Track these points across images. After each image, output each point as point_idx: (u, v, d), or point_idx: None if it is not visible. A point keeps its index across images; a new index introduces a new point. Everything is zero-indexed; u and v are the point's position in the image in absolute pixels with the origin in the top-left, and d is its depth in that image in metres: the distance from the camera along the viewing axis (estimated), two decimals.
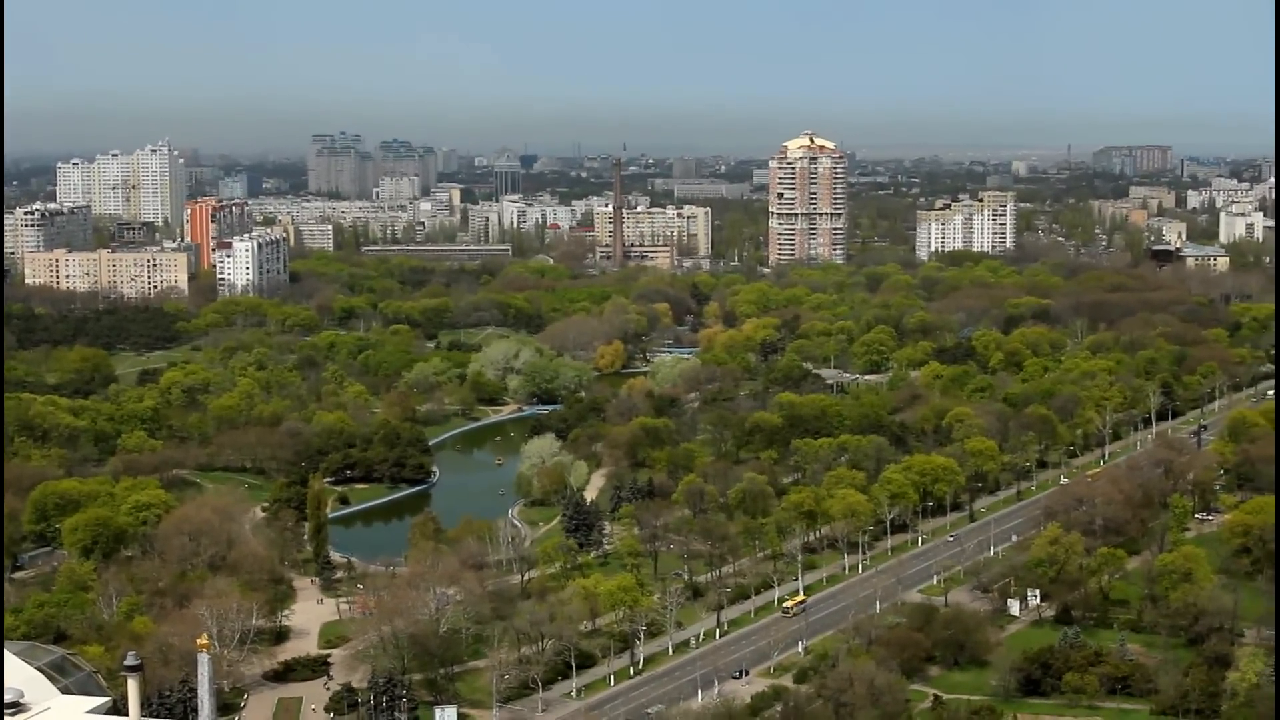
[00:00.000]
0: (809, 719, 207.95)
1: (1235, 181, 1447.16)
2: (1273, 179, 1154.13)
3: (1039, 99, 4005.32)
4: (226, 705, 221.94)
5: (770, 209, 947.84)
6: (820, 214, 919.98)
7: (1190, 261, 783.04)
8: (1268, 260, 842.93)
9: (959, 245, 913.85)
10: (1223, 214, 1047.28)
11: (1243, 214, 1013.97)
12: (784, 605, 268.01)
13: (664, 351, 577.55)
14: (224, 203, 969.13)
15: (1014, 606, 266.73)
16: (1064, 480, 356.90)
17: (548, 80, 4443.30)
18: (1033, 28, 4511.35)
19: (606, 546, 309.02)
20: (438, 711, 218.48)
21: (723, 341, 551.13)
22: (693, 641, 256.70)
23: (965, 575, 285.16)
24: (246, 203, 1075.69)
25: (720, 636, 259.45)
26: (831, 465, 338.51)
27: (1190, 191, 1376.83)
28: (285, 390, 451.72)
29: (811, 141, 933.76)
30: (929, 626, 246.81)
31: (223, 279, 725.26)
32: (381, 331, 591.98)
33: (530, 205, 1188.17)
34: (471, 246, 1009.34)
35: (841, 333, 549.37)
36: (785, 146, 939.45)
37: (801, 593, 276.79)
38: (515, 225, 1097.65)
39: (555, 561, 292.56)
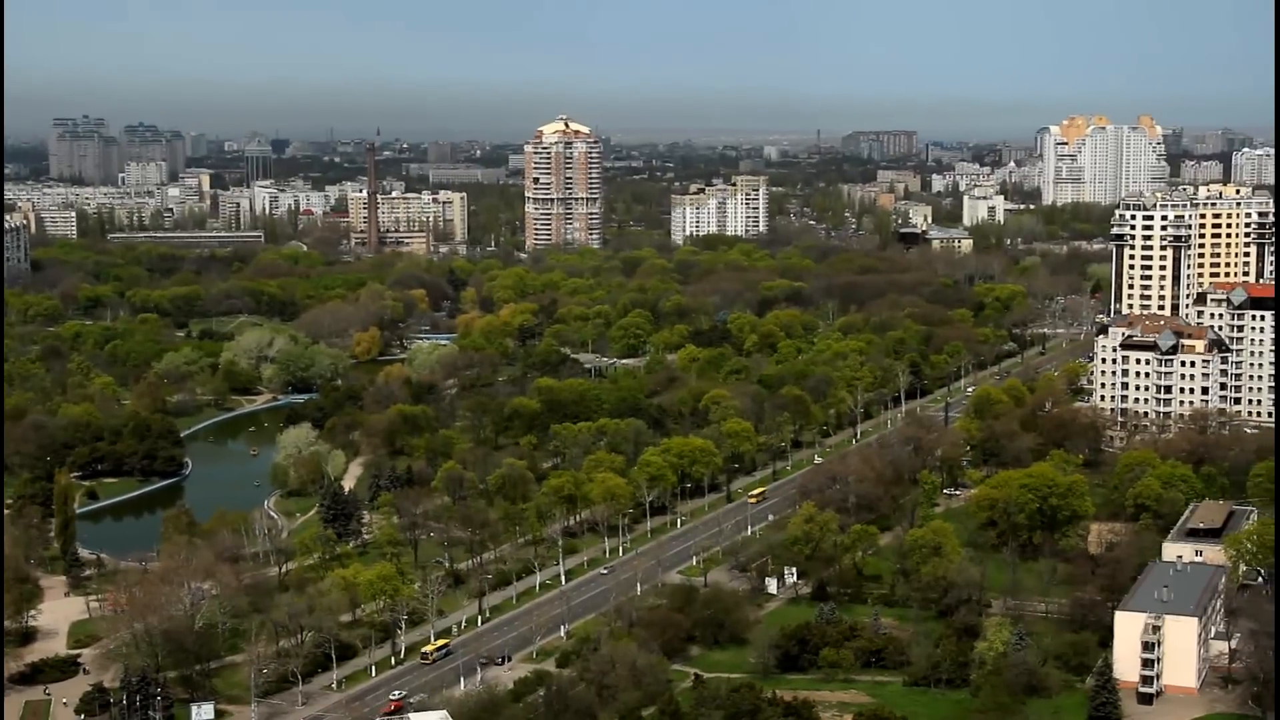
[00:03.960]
0: (572, 702, 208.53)
1: (977, 166, 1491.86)
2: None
3: (789, 84, 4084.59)
4: None
5: (526, 194, 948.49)
6: (576, 198, 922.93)
7: (936, 244, 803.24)
8: (1009, 241, 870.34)
9: (713, 229, 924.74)
10: (965, 197, 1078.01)
11: (984, 197, 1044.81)
12: (423, 651, 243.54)
13: (421, 338, 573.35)
14: None
15: (771, 585, 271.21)
16: (818, 459, 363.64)
17: (299, 63, 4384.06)
18: (781, 12, 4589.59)
19: (366, 536, 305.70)
20: (194, 709, 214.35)
21: (480, 327, 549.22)
22: (454, 629, 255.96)
23: (724, 555, 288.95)
24: None
25: (482, 623, 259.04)
26: (591, 449, 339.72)
27: (935, 175, 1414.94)
28: (28, 382, 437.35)
29: (567, 126, 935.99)
30: (689, 607, 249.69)
31: None
32: (129, 321, 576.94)
33: (283, 191, 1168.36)
34: (222, 233, 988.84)
35: (599, 317, 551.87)
36: (540, 131, 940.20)
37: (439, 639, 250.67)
38: (267, 211, 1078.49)
39: (313, 552, 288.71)
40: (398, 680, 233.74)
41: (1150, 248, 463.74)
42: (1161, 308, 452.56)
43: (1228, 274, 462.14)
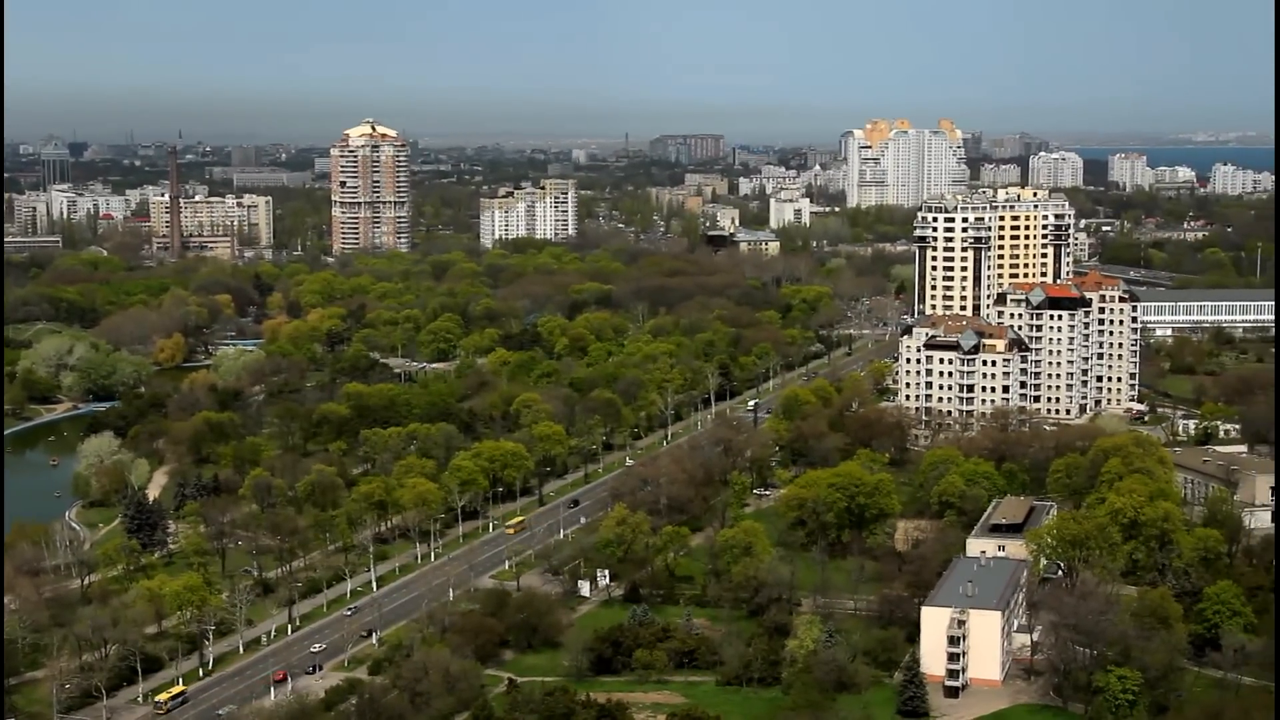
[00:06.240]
0: (384, 710, 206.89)
1: (783, 169, 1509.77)
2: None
3: (596, 88, 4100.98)
4: None
5: (333, 197, 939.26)
6: (384, 202, 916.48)
7: (743, 246, 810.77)
8: (815, 244, 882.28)
9: (522, 232, 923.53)
10: (772, 200, 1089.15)
11: (791, 200, 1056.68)
12: (156, 700, 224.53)
13: (227, 344, 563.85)
14: None
15: (584, 587, 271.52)
16: (629, 461, 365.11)
17: (96, 65, 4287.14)
18: (586, 16, 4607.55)
19: (171, 546, 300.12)
20: None
21: (287, 332, 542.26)
22: (264, 639, 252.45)
23: (536, 559, 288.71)
24: None
25: (293, 632, 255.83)
26: (401, 454, 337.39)
27: (742, 179, 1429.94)
28: None
29: (373, 129, 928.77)
30: (502, 611, 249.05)
31: None
32: None
33: (81, 195, 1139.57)
34: (18, 238, 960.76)
35: (408, 321, 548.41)
36: (347, 134, 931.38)
37: (180, 683, 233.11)
38: (65, 216, 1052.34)
39: (117, 563, 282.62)
40: (205, 692, 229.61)
41: (952, 249, 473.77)
42: (963, 308, 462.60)
43: (1026, 274, 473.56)
